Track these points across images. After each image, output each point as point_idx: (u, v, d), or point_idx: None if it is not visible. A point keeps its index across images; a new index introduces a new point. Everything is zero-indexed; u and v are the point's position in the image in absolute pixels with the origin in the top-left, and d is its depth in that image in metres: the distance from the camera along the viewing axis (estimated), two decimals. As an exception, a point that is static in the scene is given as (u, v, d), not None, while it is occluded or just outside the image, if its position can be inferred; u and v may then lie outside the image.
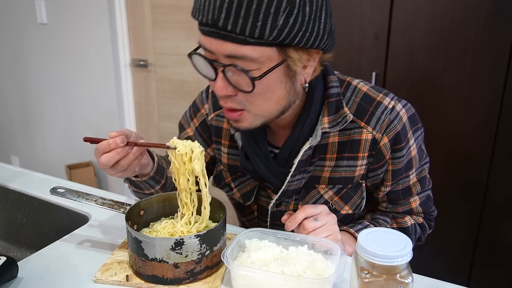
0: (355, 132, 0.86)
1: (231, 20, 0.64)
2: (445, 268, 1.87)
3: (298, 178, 0.89)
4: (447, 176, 1.76)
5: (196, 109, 1.01)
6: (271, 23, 0.63)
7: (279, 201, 0.93)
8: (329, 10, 0.72)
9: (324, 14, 0.69)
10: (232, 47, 0.66)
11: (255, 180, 0.95)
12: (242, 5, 0.63)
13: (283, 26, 0.64)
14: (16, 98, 3.29)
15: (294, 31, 0.65)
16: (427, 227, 0.99)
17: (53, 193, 0.83)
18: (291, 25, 0.64)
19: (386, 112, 0.85)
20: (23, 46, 3.07)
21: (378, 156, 0.87)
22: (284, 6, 0.63)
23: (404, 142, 0.87)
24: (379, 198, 0.94)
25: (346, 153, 0.87)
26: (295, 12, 0.64)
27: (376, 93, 0.87)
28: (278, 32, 0.64)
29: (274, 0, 0.62)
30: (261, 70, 0.69)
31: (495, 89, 1.59)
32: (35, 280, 0.74)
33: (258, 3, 0.62)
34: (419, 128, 0.91)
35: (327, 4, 0.71)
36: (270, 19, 0.63)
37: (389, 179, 0.90)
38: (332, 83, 0.86)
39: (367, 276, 0.58)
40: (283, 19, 0.64)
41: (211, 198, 0.81)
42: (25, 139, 3.38)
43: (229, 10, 0.63)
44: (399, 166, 0.88)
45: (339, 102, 0.85)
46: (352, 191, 0.91)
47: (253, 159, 0.89)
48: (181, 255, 0.70)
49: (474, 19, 1.56)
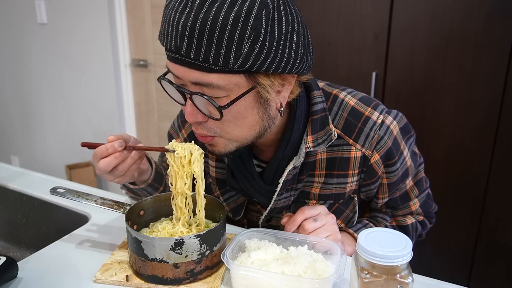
0: (343, 149, 0.83)
1: (193, 48, 0.61)
2: (445, 268, 1.87)
3: (285, 196, 0.87)
4: (447, 176, 1.76)
5: (184, 119, 0.99)
6: (235, 51, 0.60)
7: (268, 216, 0.92)
8: (302, 32, 0.67)
9: (296, 38, 0.65)
10: (197, 74, 0.63)
11: (243, 196, 0.93)
12: (204, 32, 0.59)
13: (248, 54, 0.60)
14: (16, 98, 3.29)
15: (261, 58, 0.62)
16: (427, 223, 0.98)
17: (53, 193, 0.83)
18: (257, 53, 0.61)
19: (375, 128, 0.81)
20: (23, 46, 3.07)
21: (370, 172, 0.85)
22: (248, 33, 0.59)
23: (397, 156, 0.84)
24: (377, 206, 0.94)
25: (336, 170, 0.85)
26: (261, 39, 0.60)
27: (364, 107, 0.83)
28: (243, 60, 0.61)
29: (238, 27, 0.59)
30: (229, 98, 0.66)
31: (495, 89, 1.59)
32: (35, 280, 0.74)
33: (220, 30, 0.59)
34: (411, 135, 0.89)
35: (299, 26, 0.66)
36: (234, 47, 0.60)
37: (385, 191, 0.89)
38: (316, 99, 0.82)
39: (367, 276, 0.58)
40: (248, 47, 0.60)
41: (210, 198, 0.81)
42: (25, 139, 3.38)
43: (191, 38, 0.60)
44: (395, 179, 0.87)
45: (324, 118, 0.81)
46: (344, 206, 0.89)
47: (238, 176, 0.87)
48: (181, 255, 0.70)
49: (474, 19, 1.56)
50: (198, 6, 0.60)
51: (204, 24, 0.59)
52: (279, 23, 0.62)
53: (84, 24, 2.74)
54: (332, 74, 1.87)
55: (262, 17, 0.60)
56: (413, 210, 0.94)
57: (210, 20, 0.59)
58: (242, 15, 0.59)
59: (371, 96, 1.82)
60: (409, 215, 0.96)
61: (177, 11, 0.62)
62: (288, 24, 0.63)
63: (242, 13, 0.59)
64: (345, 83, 1.93)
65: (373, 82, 1.76)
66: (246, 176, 0.86)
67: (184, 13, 0.61)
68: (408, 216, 0.95)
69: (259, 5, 0.60)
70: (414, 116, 1.75)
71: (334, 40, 1.82)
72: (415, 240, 0.98)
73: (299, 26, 0.66)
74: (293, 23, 0.65)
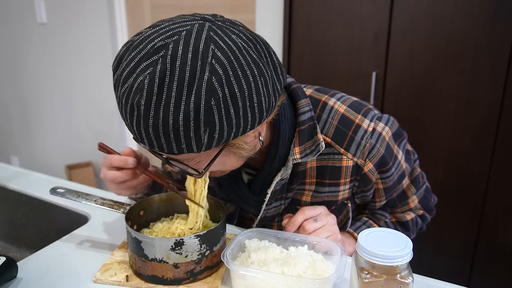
0: (334, 158, 0.81)
1: (155, 145, 0.60)
2: (446, 268, 1.87)
3: (275, 205, 0.86)
4: (447, 176, 1.76)
5: None
6: (196, 144, 0.58)
7: (260, 224, 0.91)
8: (263, 80, 0.60)
9: (256, 96, 0.59)
10: (166, 154, 0.63)
11: (234, 205, 0.93)
12: (159, 135, 0.58)
13: (209, 142, 0.59)
14: (16, 98, 3.29)
15: (224, 137, 0.59)
16: (427, 216, 0.98)
17: (53, 193, 0.83)
18: (218, 138, 0.59)
19: (366, 136, 0.79)
20: (22, 46, 3.07)
21: (364, 181, 0.83)
22: (203, 129, 0.57)
23: (391, 162, 0.83)
24: (375, 208, 0.93)
25: (327, 179, 0.83)
26: (218, 128, 0.57)
27: (355, 114, 0.81)
28: (207, 146, 0.59)
29: (190, 127, 0.56)
30: (204, 162, 0.66)
31: (495, 89, 1.59)
32: (34, 281, 0.73)
33: (174, 132, 0.57)
34: (403, 138, 0.88)
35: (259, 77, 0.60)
36: (193, 141, 0.58)
37: (382, 195, 0.88)
38: (302, 108, 0.79)
39: (367, 276, 0.58)
40: (207, 138, 0.58)
41: (210, 198, 0.81)
42: (24, 139, 3.38)
43: (150, 139, 0.59)
44: (391, 183, 0.86)
45: (312, 127, 0.79)
46: (337, 212, 0.88)
47: (225, 187, 0.87)
48: (181, 255, 0.70)
49: (474, 19, 1.56)
50: (144, 111, 0.57)
51: (156, 129, 0.57)
52: (233, 98, 0.57)
53: (84, 24, 2.74)
54: (332, 74, 1.87)
55: (213, 108, 0.56)
56: (412, 207, 0.94)
57: (160, 125, 0.57)
58: (191, 114, 0.55)
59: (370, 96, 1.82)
60: (408, 211, 0.96)
61: (126, 112, 0.59)
62: (243, 93, 0.58)
63: (190, 112, 0.55)
64: (345, 83, 1.94)
65: (373, 82, 1.76)
66: (233, 187, 0.85)
67: (133, 117, 0.59)
68: (407, 212, 0.95)
69: (206, 95, 0.55)
70: (414, 116, 1.75)
71: (334, 40, 1.82)
72: (416, 234, 0.98)
73: (258, 79, 0.60)
74: (249, 84, 0.58)
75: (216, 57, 0.56)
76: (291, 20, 1.93)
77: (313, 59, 1.91)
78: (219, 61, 0.56)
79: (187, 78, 0.55)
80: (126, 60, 0.59)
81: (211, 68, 0.56)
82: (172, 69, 0.55)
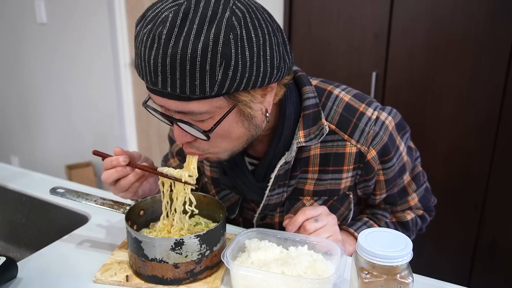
0: (338, 145, 0.83)
1: (168, 82, 0.61)
2: (446, 268, 1.87)
3: (278, 192, 0.87)
4: (448, 176, 1.76)
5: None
6: (209, 80, 0.60)
7: (262, 214, 0.92)
8: (275, 40, 0.66)
9: (269, 50, 0.64)
10: (177, 104, 0.64)
11: (237, 194, 0.93)
12: (175, 66, 0.60)
13: (223, 79, 0.61)
14: (16, 98, 3.29)
15: (237, 81, 0.62)
16: (427, 217, 0.98)
17: (53, 193, 0.83)
18: (232, 77, 0.61)
19: (370, 123, 0.81)
20: (22, 46, 3.07)
21: (367, 169, 0.84)
22: (219, 61, 0.59)
23: (393, 151, 0.84)
24: (375, 203, 0.94)
25: (330, 166, 0.84)
26: (233, 64, 0.60)
27: (359, 103, 0.83)
28: (219, 86, 0.61)
29: (208, 57, 0.59)
30: (213, 119, 0.67)
31: (495, 89, 1.59)
32: (34, 281, 0.73)
33: (191, 63, 0.59)
34: (406, 131, 0.89)
35: (271, 37, 0.65)
36: (208, 76, 0.60)
37: (382, 187, 0.89)
38: (307, 94, 0.82)
39: (367, 276, 0.58)
40: (222, 74, 0.60)
41: (210, 198, 0.82)
42: (24, 139, 3.38)
43: (164, 73, 0.61)
44: (391, 175, 0.87)
45: (317, 113, 0.81)
46: (339, 203, 0.89)
47: (230, 174, 0.87)
48: (181, 255, 0.70)
49: (474, 19, 1.56)
50: (165, 41, 0.60)
51: (174, 59, 0.59)
52: (249, 41, 0.61)
53: (84, 24, 2.74)
54: (332, 74, 1.87)
55: (230, 41, 0.59)
56: (412, 205, 0.95)
57: (179, 54, 0.59)
58: (209, 43, 0.59)
59: (371, 96, 1.82)
60: (408, 210, 0.96)
61: (146, 47, 0.62)
62: (258, 40, 0.62)
63: (209, 42, 0.59)
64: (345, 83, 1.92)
65: (373, 82, 1.76)
66: (238, 174, 0.86)
67: (153, 49, 0.61)
68: (407, 212, 0.95)
69: (225, 29, 0.59)
70: (414, 116, 1.75)
71: (334, 40, 1.82)
72: (415, 235, 0.98)
73: (271, 36, 0.65)
74: (264, 36, 0.63)
75: (237, 5, 0.62)
76: (291, 20, 1.93)
77: (313, 59, 1.91)
78: (239, 8, 0.62)
79: (209, 15, 0.60)
80: (153, 7, 0.64)
81: (231, 10, 0.61)
82: (195, 8, 0.61)
